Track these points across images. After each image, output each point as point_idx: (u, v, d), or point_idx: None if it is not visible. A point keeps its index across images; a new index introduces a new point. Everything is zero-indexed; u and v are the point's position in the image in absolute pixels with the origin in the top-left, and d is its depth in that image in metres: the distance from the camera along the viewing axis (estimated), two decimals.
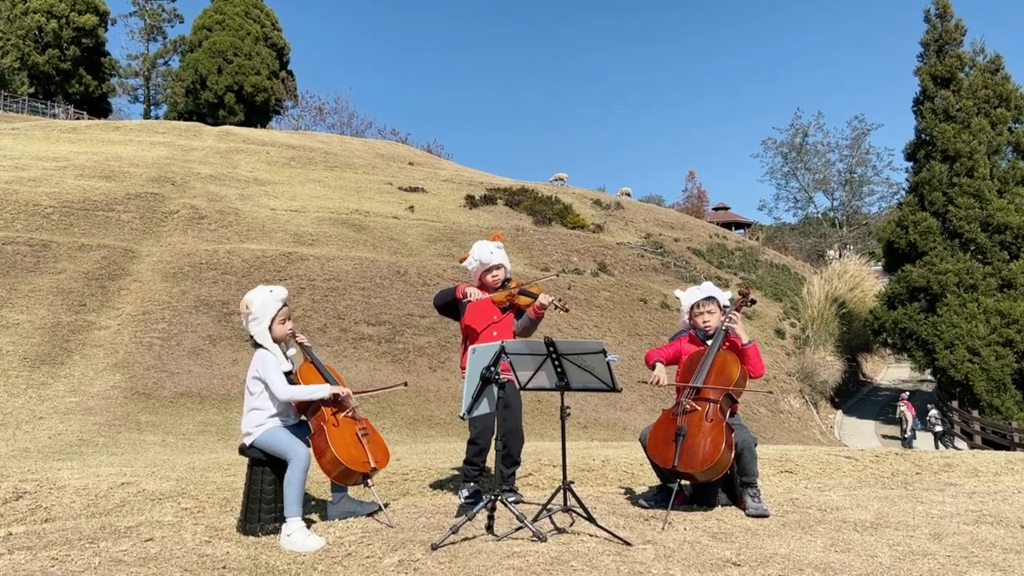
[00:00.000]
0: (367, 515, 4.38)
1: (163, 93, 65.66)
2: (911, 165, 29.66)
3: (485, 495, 4.14)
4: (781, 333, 29.96)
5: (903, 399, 23.72)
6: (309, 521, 4.22)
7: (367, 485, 4.30)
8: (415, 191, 33.14)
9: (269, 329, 4.19)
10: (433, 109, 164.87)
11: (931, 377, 28.75)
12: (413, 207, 30.38)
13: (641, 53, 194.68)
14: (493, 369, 4.05)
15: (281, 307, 4.24)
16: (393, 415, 15.81)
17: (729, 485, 4.59)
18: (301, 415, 4.36)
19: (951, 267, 26.15)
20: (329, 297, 21.00)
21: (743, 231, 64.48)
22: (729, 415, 4.46)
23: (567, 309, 4.91)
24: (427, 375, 18.47)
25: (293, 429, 4.23)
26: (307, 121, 59.22)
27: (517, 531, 3.91)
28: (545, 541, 3.78)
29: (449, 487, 5.33)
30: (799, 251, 55.36)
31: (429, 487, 5.37)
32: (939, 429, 22.88)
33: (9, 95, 51.60)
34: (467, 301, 4.93)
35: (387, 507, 4.47)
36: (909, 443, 21.51)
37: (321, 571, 3.53)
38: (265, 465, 4.16)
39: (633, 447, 7.33)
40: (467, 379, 4.09)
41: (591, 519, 3.92)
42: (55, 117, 49.96)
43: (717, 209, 75.32)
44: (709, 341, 4.66)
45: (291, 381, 4.23)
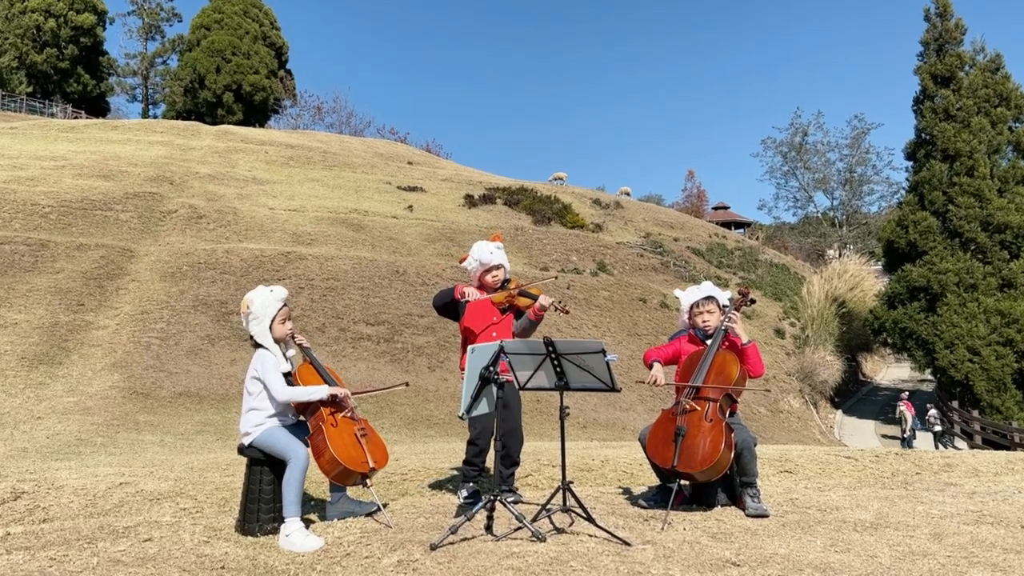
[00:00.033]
0: (366, 515, 4.38)
1: (161, 92, 65.63)
2: (911, 164, 29.67)
3: (484, 495, 4.13)
4: (781, 333, 29.97)
5: (903, 399, 23.72)
6: (308, 521, 4.21)
7: (366, 485, 4.29)
8: (414, 190, 33.12)
9: (269, 329, 4.20)
10: (432, 108, 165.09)
11: (931, 377, 28.75)
12: (412, 206, 30.37)
13: (641, 52, 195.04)
14: (492, 369, 4.04)
15: (281, 307, 4.25)
16: (392, 415, 15.80)
17: (729, 485, 4.59)
18: (300, 415, 4.35)
19: (951, 267, 26.14)
20: (328, 297, 20.99)
21: (743, 231, 64.52)
22: (729, 415, 4.46)
23: (567, 311, 4.90)
24: (426, 375, 18.47)
25: (292, 429, 4.22)
26: (306, 120, 59.29)
27: (516, 531, 3.90)
28: (544, 541, 3.77)
29: (448, 487, 5.32)
30: (799, 251, 55.39)
31: (428, 487, 5.36)
32: (938, 429, 22.88)
33: (7, 94, 51.55)
34: (466, 301, 4.91)
35: (386, 507, 4.47)
36: (909, 443, 21.51)
37: (320, 571, 3.52)
38: (264, 465, 4.15)
39: (632, 447, 7.32)
40: (466, 379, 4.08)
41: (590, 519, 3.92)
42: (53, 116, 49.92)
43: (717, 208, 75.32)
44: (708, 341, 4.65)
45: (290, 382, 4.23)
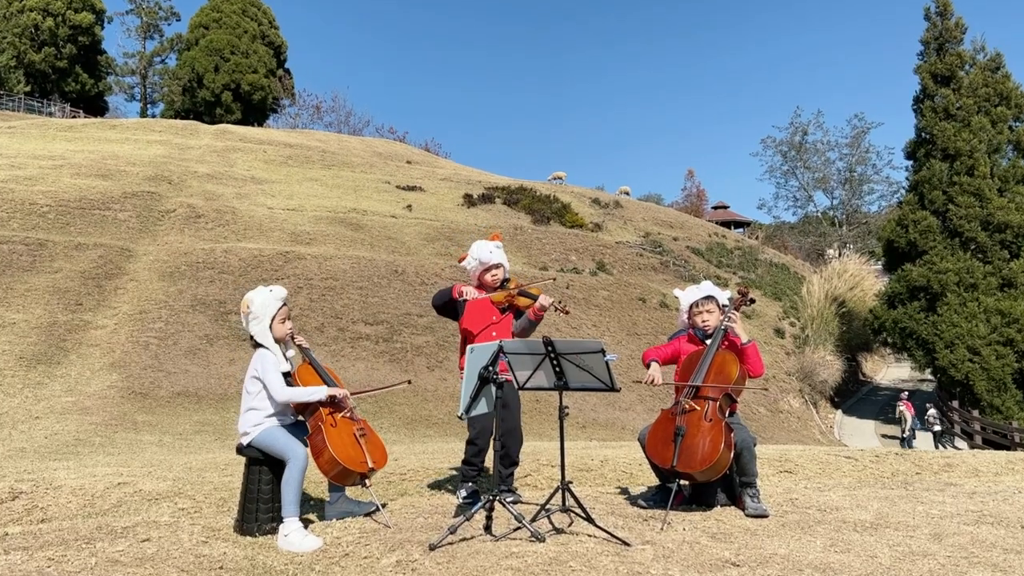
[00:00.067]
0: (365, 515, 4.37)
1: (160, 91, 65.63)
2: (911, 164, 29.61)
3: (483, 495, 4.12)
4: (780, 332, 29.96)
5: (902, 399, 23.73)
6: (307, 521, 4.21)
7: (365, 485, 4.28)
8: (413, 190, 33.09)
9: (269, 328, 4.21)
10: (431, 108, 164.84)
11: (931, 377, 28.72)
12: (411, 206, 30.35)
13: (641, 51, 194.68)
14: (491, 369, 4.03)
15: (281, 306, 4.26)
16: (391, 415, 15.79)
17: (728, 485, 4.58)
18: (299, 415, 4.35)
19: (951, 266, 26.09)
20: (327, 296, 20.98)
21: (742, 230, 64.45)
22: (728, 415, 4.45)
23: (567, 311, 4.88)
24: (425, 374, 18.46)
25: (291, 429, 4.22)
26: (304, 119, 59.23)
27: (515, 531, 3.90)
28: (543, 541, 3.77)
29: (447, 487, 5.31)
30: (798, 250, 55.37)
31: (427, 487, 5.36)
32: (938, 429, 22.89)
33: (5, 93, 51.52)
34: (464, 300, 4.90)
35: (385, 507, 4.46)
36: (909, 443, 21.52)
37: (318, 571, 3.51)
38: (262, 465, 4.14)
39: (632, 447, 7.31)
40: (465, 379, 4.07)
41: (590, 519, 3.91)
42: (51, 115, 49.87)
43: (716, 208, 75.23)
44: (708, 340, 4.65)
45: (289, 382, 4.23)
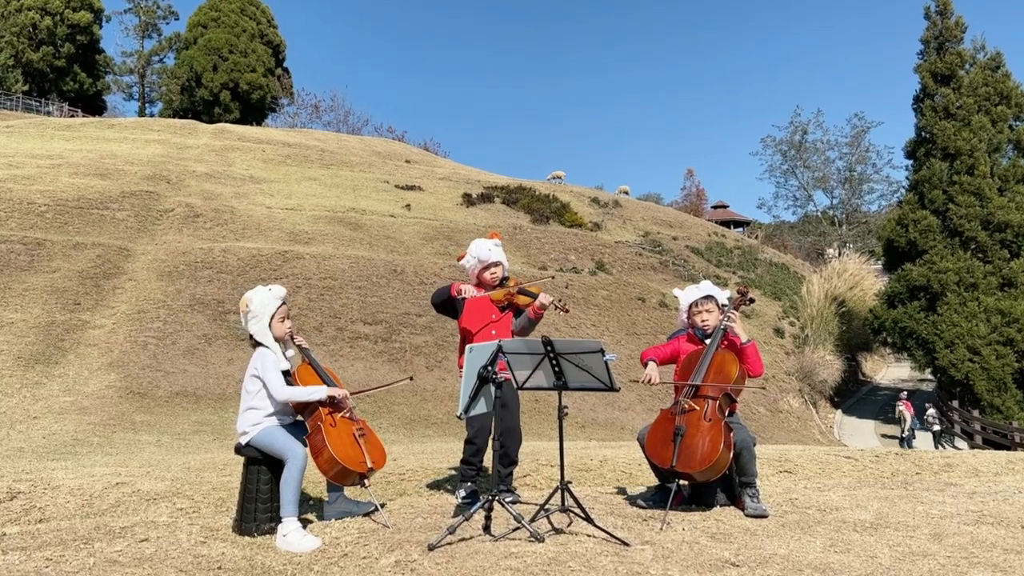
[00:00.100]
0: (363, 515, 4.36)
1: (158, 90, 65.58)
2: (911, 163, 29.56)
3: (482, 495, 4.11)
4: (780, 332, 29.96)
5: (902, 399, 23.74)
6: (305, 521, 4.20)
7: (364, 486, 4.27)
8: (412, 189, 33.06)
9: (268, 327, 4.20)
10: (431, 107, 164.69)
11: (931, 376, 28.70)
12: (410, 205, 30.32)
13: (640, 51, 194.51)
14: (490, 368, 4.02)
15: (280, 305, 4.27)
16: (390, 415, 15.78)
17: (728, 485, 4.57)
18: (298, 415, 4.34)
19: (951, 266, 26.04)
20: (325, 296, 20.96)
21: (742, 229, 64.38)
22: (728, 414, 4.44)
23: (567, 310, 4.87)
24: (424, 374, 18.44)
25: (290, 428, 4.21)
26: (303, 119, 59.13)
27: (514, 531, 3.89)
28: (543, 542, 3.76)
29: (446, 487, 5.30)
30: (798, 249, 55.36)
31: (426, 487, 5.35)
32: (937, 428, 22.90)
33: (3, 93, 51.48)
34: (463, 298, 4.88)
35: (384, 507, 4.45)
36: (909, 443, 21.52)
37: (317, 572, 3.50)
38: (261, 464, 4.13)
39: (631, 447, 7.30)
40: (464, 378, 4.05)
41: (589, 519, 3.90)
42: (49, 115, 49.82)
43: (716, 207, 75.13)
44: (708, 340, 4.64)
45: (289, 382, 4.22)
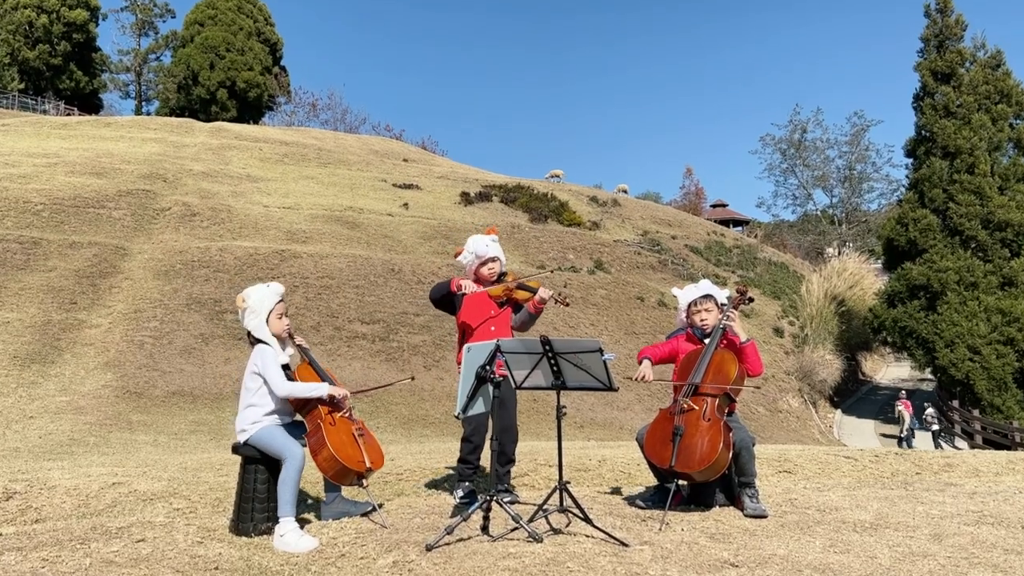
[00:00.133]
0: (361, 515, 4.35)
1: (155, 89, 65.49)
2: (911, 162, 29.48)
3: (480, 495, 4.10)
4: (780, 331, 29.95)
5: (901, 398, 23.75)
6: (303, 521, 4.18)
7: (362, 486, 4.26)
8: (409, 188, 33.02)
9: (266, 323, 4.20)
10: (429, 106, 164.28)
11: (931, 376, 28.68)
12: (407, 204, 30.28)
13: (640, 49, 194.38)
14: (488, 368, 4.00)
15: (278, 301, 4.26)
16: (387, 414, 15.76)
17: (727, 485, 4.56)
18: (297, 414, 4.32)
19: (951, 265, 25.97)
20: (322, 295, 20.92)
21: (741, 228, 64.37)
22: (727, 414, 4.43)
23: (567, 303, 4.85)
24: (422, 374, 18.42)
25: (289, 428, 4.20)
26: (300, 117, 59.10)
27: (513, 532, 3.87)
28: (541, 542, 3.74)
29: (444, 487, 5.29)
30: (798, 249, 55.36)
31: (424, 487, 5.33)
32: (936, 428, 22.90)
33: None
34: (463, 294, 4.86)
35: (381, 507, 4.43)
36: (908, 442, 21.52)
37: (314, 572, 3.49)
38: (258, 464, 4.11)
39: (630, 447, 7.29)
40: (462, 378, 4.03)
41: (587, 520, 3.89)
42: (45, 113, 49.70)
43: (715, 206, 75.13)
44: (707, 339, 4.62)
45: (289, 377, 4.22)
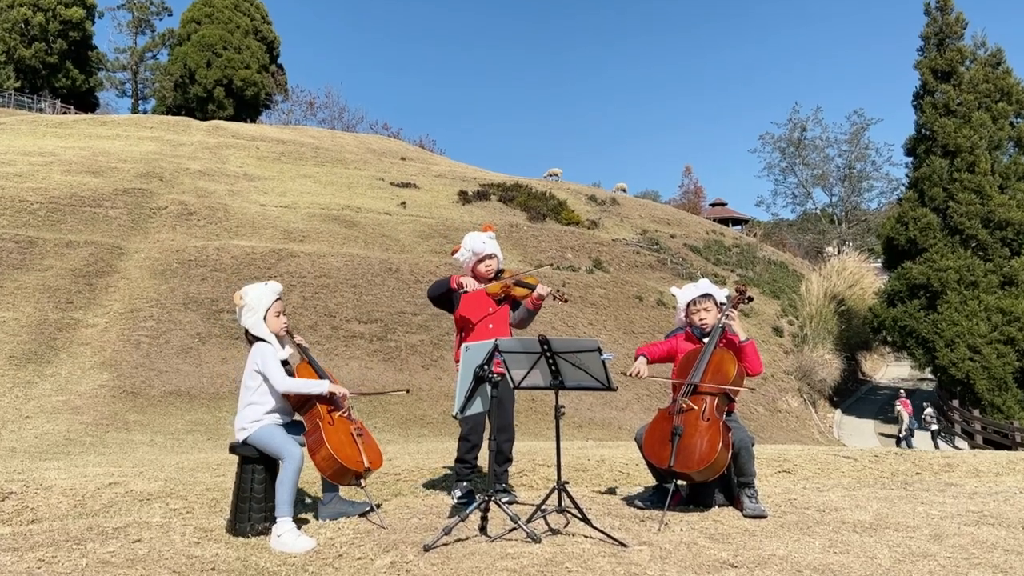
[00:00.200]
0: (359, 516, 4.34)
1: (151, 87, 65.30)
2: (911, 160, 29.47)
3: (478, 495, 4.08)
4: (779, 331, 29.96)
5: (900, 398, 23.76)
6: (300, 521, 4.17)
7: (360, 486, 4.24)
8: (407, 187, 32.99)
9: (264, 321, 4.19)
10: (427, 105, 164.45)
11: (931, 375, 28.67)
12: (405, 203, 30.26)
13: (639, 47, 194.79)
14: (487, 368, 3.98)
15: (276, 299, 4.25)
16: (385, 414, 15.74)
17: (726, 485, 4.54)
18: (296, 412, 4.30)
19: (951, 264, 25.95)
20: (320, 294, 20.89)
21: (740, 227, 64.36)
22: (726, 414, 4.41)
23: (566, 300, 4.83)
24: (419, 373, 18.39)
25: (288, 428, 4.19)
26: (297, 116, 59.00)
27: (511, 532, 3.86)
28: (539, 542, 3.73)
29: (442, 487, 5.27)
30: (797, 248, 55.43)
31: (421, 487, 5.31)
32: (935, 428, 22.91)
33: None
34: (462, 292, 4.84)
35: (379, 508, 4.41)
36: (907, 442, 21.53)
37: (312, 572, 3.47)
38: (256, 463, 4.10)
39: (629, 447, 7.28)
40: (460, 378, 4.02)
41: (586, 520, 3.87)
42: (42, 111, 49.58)
43: (714, 205, 75.11)
44: (706, 339, 4.61)
45: (289, 372, 4.22)
